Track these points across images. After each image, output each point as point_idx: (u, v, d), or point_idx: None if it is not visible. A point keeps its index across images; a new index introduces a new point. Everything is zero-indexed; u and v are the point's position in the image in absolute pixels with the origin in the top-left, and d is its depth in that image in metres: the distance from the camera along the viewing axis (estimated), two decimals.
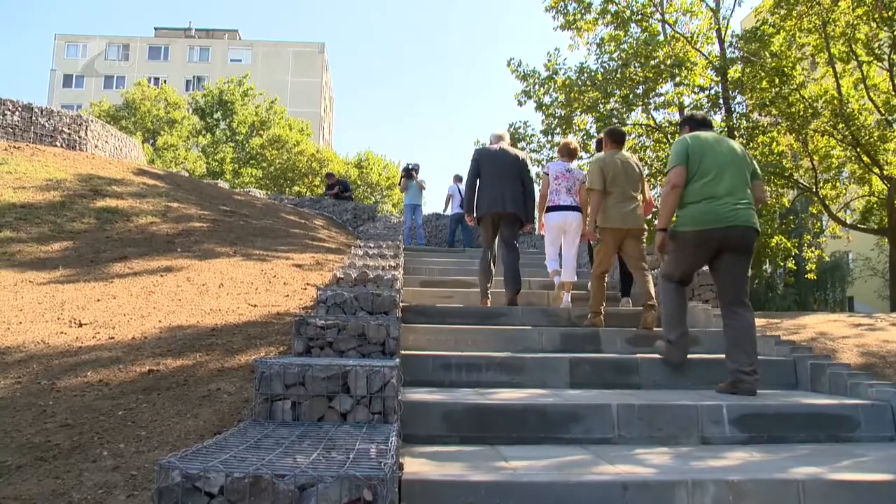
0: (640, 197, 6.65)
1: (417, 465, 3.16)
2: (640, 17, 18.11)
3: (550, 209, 7.73)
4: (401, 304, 5.78)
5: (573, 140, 9.12)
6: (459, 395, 4.31)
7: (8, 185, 11.94)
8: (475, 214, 7.77)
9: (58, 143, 16.88)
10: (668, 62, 16.64)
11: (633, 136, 18.91)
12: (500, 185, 7.56)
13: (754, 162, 5.27)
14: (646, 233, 6.90)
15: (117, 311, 6.78)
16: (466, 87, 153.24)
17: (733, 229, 4.87)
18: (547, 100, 18.77)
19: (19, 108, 16.63)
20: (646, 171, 7.29)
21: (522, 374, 4.99)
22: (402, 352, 4.83)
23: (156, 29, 72.28)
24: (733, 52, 16.91)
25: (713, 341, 5.88)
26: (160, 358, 5.30)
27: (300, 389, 3.27)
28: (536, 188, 8.32)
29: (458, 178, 16.60)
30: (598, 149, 7.76)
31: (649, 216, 7.79)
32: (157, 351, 5.48)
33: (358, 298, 4.91)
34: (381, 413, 3.24)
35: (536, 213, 8.16)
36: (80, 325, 6.38)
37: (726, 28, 17.58)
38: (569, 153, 7.94)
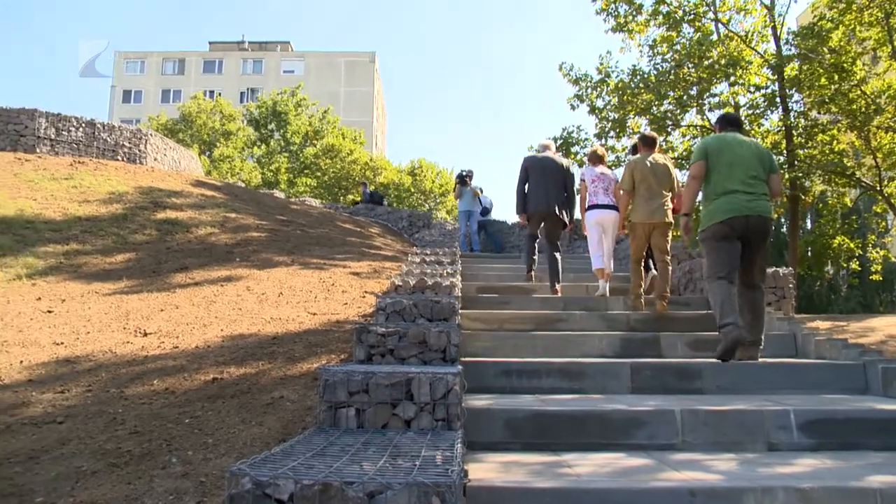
0: (669, 195, 7.39)
1: (481, 472, 3.16)
2: (692, 17, 17.86)
3: (590, 208, 8.66)
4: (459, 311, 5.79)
5: (599, 147, 10.38)
6: (520, 402, 4.30)
7: (74, 199, 12.28)
8: (525, 213, 8.75)
9: (119, 157, 17.31)
10: (723, 62, 16.37)
11: (687, 137, 18.66)
12: (545, 189, 8.59)
13: (773, 158, 5.86)
14: (671, 227, 7.52)
15: (180, 320, 6.92)
16: (518, 92, 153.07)
17: (750, 218, 5.47)
18: (600, 103, 18.60)
19: (83, 125, 17.10)
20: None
21: (583, 379, 4.96)
22: (462, 358, 4.84)
23: (210, 43, 73.59)
24: (790, 50, 16.57)
25: (776, 345, 5.79)
26: (223, 366, 5.39)
27: (364, 397, 3.30)
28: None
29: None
30: (633, 152, 8.59)
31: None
32: (221, 359, 5.58)
33: (417, 305, 4.94)
34: (445, 420, 3.25)
35: (578, 215, 9.30)
36: (145, 334, 6.53)
37: (782, 25, 17.23)
38: (598, 158, 8.93)
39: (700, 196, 5.93)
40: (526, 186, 8.73)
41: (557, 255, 8.59)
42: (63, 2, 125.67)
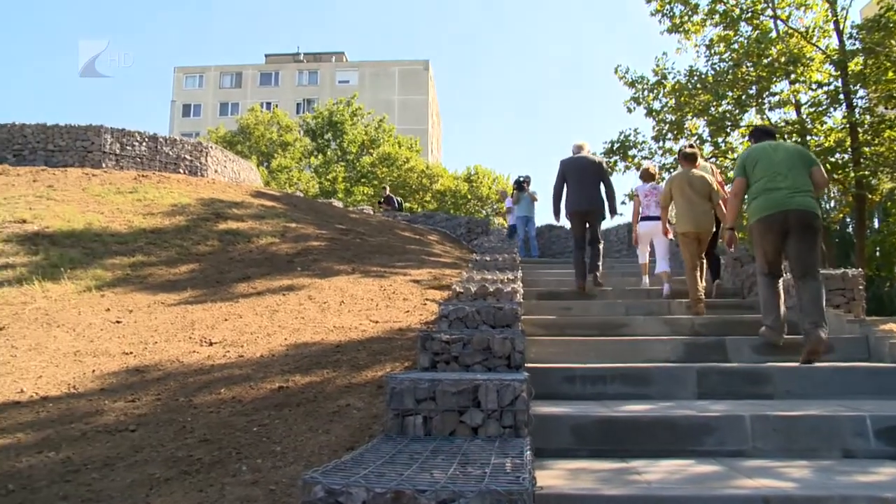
0: (709, 204, 7.80)
1: (550, 479, 3.14)
2: (749, 14, 17.57)
3: (642, 219, 9.54)
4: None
5: (652, 166, 11.28)
6: (586, 408, 4.27)
7: (139, 211, 12.58)
8: (565, 213, 9.18)
9: (181, 170, 17.69)
10: (783, 59, 16.07)
11: (747, 137, 18.34)
12: (582, 187, 9.02)
13: (809, 153, 6.20)
14: (712, 231, 7.96)
15: (244, 329, 7.03)
16: (573, 96, 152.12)
17: (789, 213, 5.73)
18: (657, 105, 18.43)
19: (146, 139, 17.53)
20: None
21: (648, 385, 4.90)
22: (526, 365, 4.82)
23: (266, 56, 74.75)
24: (853, 44, 16.16)
25: (848, 348, 5.65)
26: (289, 375, 5.46)
27: (431, 404, 3.31)
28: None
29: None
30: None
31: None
32: (286, 368, 5.65)
33: (480, 312, 4.93)
34: (513, 427, 3.24)
35: (633, 227, 10.01)
36: (211, 343, 6.64)
37: (845, 19, 16.80)
38: (649, 176, 9.79)
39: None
40: (565, 187, 9.14)
41: (599, 245, 9.20)
42: (122, 23, 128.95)
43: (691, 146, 8.61)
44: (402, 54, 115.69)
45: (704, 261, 8.12)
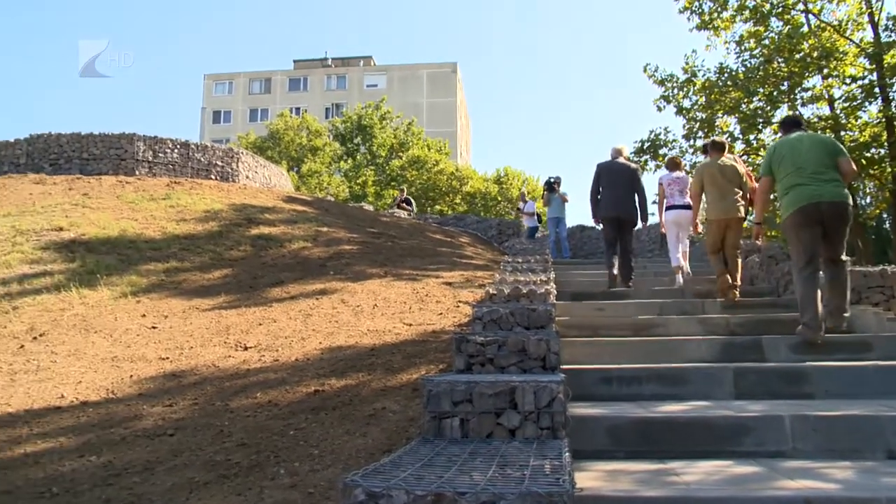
0: (739, 192, 7.92)
1: (588, 481, 3.12)
2: (780, 9, 17.42)
3: (668, 209, 9.59)
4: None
5: (676, 156, 11.57)
6: (622, 409, 4.25)
7: (172, 218, 12.71)
8: (599, 216, 9.48)
9: (212, 176, 17.86)
10: (815, 54, 15.90)
11: (779, 134, 18.12)
12: (616, 192, 9.27)
13: (838, 144, 6.28)
14: (744, 222, 8.13)
15: (279, 333, 7.08)
16: (601, 95, 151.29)
17: (821, 204, 5.86)
18: (686, 103, 18.32)
19: (178, 146, 17.73)
20: None
21: (684, 385, 4.86)
22: (561, 366, 4.80)
23: (294, 62, 75.24)
24: (889, 36, 15.94)
25: (889, 347, 5.56)
26: (324, 378, 5.49)
27: (467, 406, 3.31)
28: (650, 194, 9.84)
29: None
30: (704, 152, 9.40)
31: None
32: (321, 372, 5.68)
33: (514, 314, 4.92)
34: (550, 429, 3.24)
35: (657, 216, 10.26)
36: (246, 348, 6.70)
37: (880, 11, 16.59)
38: (674, 165, 9.92)
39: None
40: (599, 191, 9.42)
41: (630, 253, 9.34)
42: (153, 32, 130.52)
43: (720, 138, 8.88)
44: (430, 57, 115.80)
45: (739, 256, 8.14)
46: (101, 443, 4.60)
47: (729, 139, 17.46)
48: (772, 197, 7.87)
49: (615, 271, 9.24)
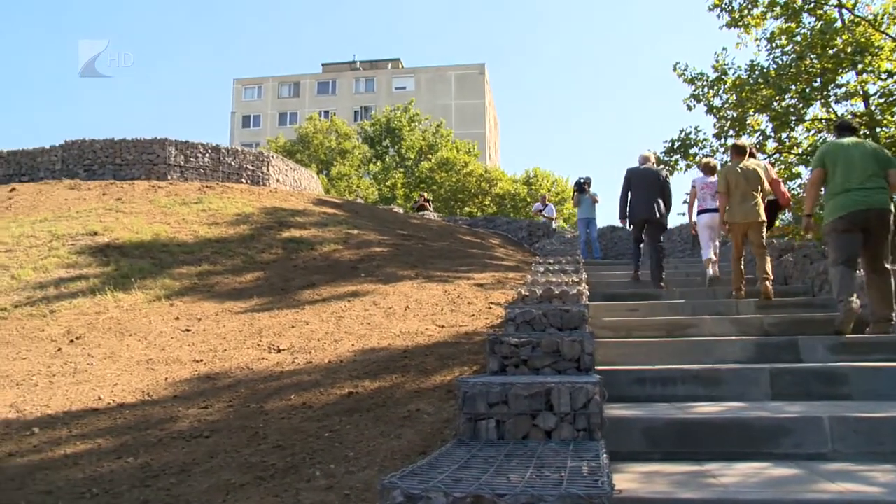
0: (759, 195, 8.14)
1: (624, 483, 3.10)
2: (812, 5, 17.16)
3: (701, 212, 9.81)
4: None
5: (712, 159, 11.34)
6: (657, 410, 4.21)
7: (203, 221, 12.83)
8: (628, 219, 10.03)
9: (243, 180, 18.00)
10: (849, 49, 15.62)
11: (812, 132, 17.89)
12: (645, 197, 9.75)
13: (889, 155, 6.40)
14: (764, 224, 8.23)
15: (311, 336, 7.11)
16: (631, 95, 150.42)
17: (869, 211, 6.04)
18: (717, 102, 18.11)
19: (209, 150, 17.89)
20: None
21: (720, 386, 4.81)
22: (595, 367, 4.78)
23: (323, 65, 75.59)
24: None
25: None
26: (358, 380, 5.50)
27: (503, 408, 3.30)
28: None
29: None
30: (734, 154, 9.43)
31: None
32: (354, 374, 5.70)
33: (546, 315, 4.90)
34: (586, 430, 3.22)
35: (688, 217, 10.91)
36: (279, 350, 6.74)
37: None
38: (710, 169, 10.00)
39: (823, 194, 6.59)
40: (629, 195, 9.91)
41: (661, 253, 9.72)
42: (182, 38, 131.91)
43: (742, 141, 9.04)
44: (458, 59, 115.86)
45: (766, 254, 8.28)
46: (137, 444, 4.65)
47: (761, 137, 17.31)
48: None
49: (639, 270, 9.99)
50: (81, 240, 11.29)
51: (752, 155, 9.56)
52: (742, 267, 8.29)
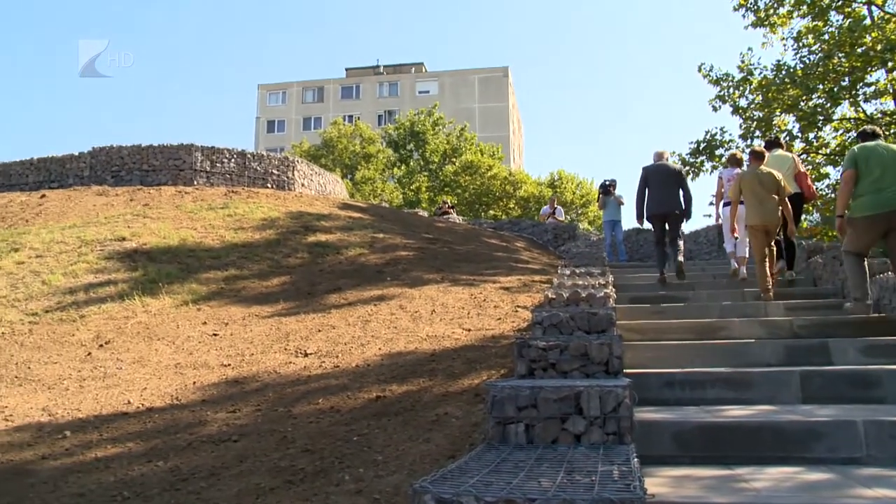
0: (777, 198, 8.23)
1: (654, 487, 3.07)
2: (840, 2, 16.96)
3: (726, 204, 9.76)
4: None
5: (738, 151, 12.06)
6: (687, 414, 4.18)
7: (230, 226, 12.90)
8: (646, 217, 10.08)
9: (269, 185, 18.07)
10: (878, 47, 15.42)
11: (840, 131, 17.70)
12: (662, 192, 9.87)
13: None
14: (779, 225, 8.40)
15: (338, 340, 7.13)
16: (655, 97, 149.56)
17: (894, 213, 6.33)
18: (743, 102, 17.98)
19: (235, 156, 17.99)
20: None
21: (750, 389, 4.76)
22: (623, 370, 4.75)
23: (347, 70, 75.92)
24: None
25: None
26: (385, 384, 5.51)
27: (532, 412, 3.29)
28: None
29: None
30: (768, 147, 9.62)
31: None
32: (382, 378, 5.71)
33: (574, 318, 4.88)
34: (616, 434, 3.20)
35: (713, 208, 11.11)
36: (306, 354, 6.76)
37: None
38: (735, 161, 10.28)
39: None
40: (646, 192, 9.98)
41: (680, 242, 10.00)
42: (207, 44, 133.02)
43: (772, 139, 9.46)
44: (481, 62, 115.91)
45: (774, 248, 8.58)
46: (167, 448, 4.68)
47: (787, 138, 17.12)
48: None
49: (665, 272, 9.79)
50: (110, 245, 11.40)
51: (782, 147, 9.95)
52: (767, 268, 8.24)
